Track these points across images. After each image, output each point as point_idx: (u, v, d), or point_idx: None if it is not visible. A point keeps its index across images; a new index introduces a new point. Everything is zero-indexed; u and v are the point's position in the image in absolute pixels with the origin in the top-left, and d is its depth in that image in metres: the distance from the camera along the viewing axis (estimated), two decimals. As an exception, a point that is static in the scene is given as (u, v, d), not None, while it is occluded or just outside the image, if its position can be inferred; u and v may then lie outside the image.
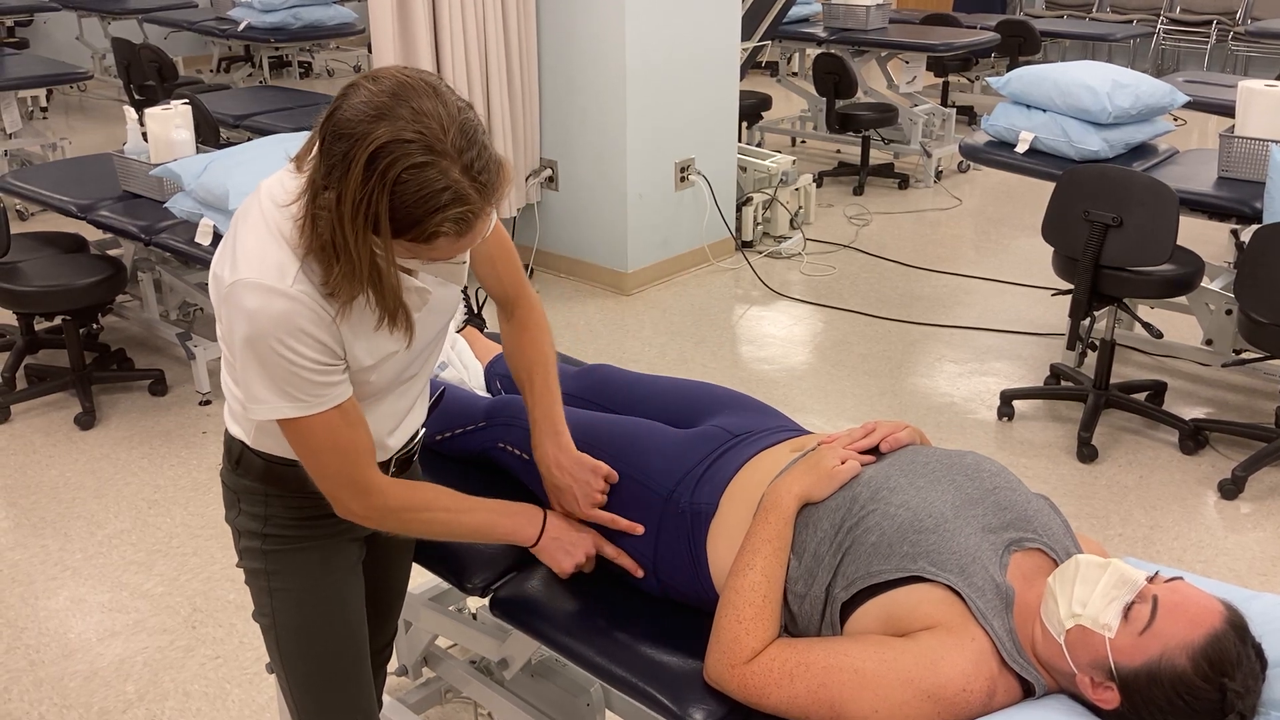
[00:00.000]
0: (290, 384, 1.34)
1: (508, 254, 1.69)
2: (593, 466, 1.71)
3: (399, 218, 1.23)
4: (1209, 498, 3.30)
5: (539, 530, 1.66)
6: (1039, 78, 4.09)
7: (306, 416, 1.37)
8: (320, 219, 1.26)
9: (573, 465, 1.71)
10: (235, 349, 1.35)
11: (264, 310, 1.30)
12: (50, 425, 3.77)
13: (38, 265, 3.74)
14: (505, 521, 1.64)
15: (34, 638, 2.72)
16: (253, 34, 7.37)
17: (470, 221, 1.26)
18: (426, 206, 1.22)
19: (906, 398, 3.92)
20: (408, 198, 1.21)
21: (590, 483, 1.71)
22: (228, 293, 1.32)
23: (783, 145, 7.42)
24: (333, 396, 1.38)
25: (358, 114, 1.21)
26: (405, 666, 2.37)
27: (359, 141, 1.20)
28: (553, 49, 4.76)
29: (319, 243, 1.27)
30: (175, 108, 3.87)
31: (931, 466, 1.55)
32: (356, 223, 1.23)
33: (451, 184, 1.22)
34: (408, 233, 1.24)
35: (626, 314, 4.68)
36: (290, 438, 1.41)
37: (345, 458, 1.42)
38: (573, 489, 1.71)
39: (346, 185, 1.21)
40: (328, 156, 1.23)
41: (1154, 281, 3.35)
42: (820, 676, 1.39)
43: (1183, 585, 1.34)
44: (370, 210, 1.22)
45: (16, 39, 9.01)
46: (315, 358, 1.34)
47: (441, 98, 1.24)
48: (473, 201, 1.24)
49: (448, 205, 1.22)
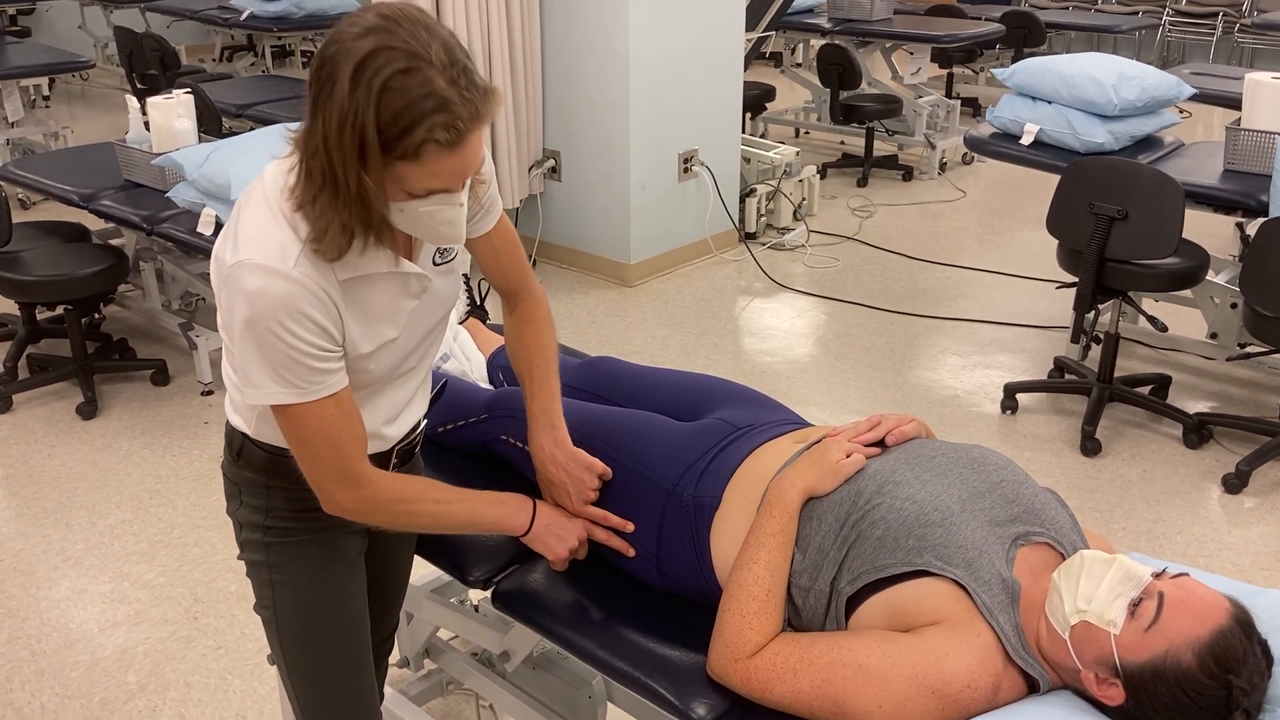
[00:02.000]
0: (288, 368, 1.33)
1: (511, 245, 1.68)
2: (587, 464, 1.70)
3: (386, 128, 1.21)
4: (1213, 492, 3.29)
5: (529, 518, 1.65)
6: (1044, 69, 4.07)
7: (301, 404, 1.37)
8: (313, 167, 1.26)
9: (567, 461, 1.70)
10: (235, 331, 1.34)
11: (265, 292, 1.29)
12: (52, 415, 3.76)
13: (40, 254, 3.73)
14: (495, 511, 1.63)
15: (35, 628, 2.71)
16: (255, 23, 7.34)
17: (460, 130, 1.23)
18: (413, 113, 1.20)
19: (909, 390, 3.91)
20: (394, 105, 1.20)
21: (584, 480, 1.70)
22: (229, 274, 1.31)
23: (786, 136, 7.41)
24: (329, 385, 1.38)
25: (343, 34, 1.22)
26: (407, 658, 2.37)
27: (345, 57, 1.21)
28: (556, 39, 4.74)
29: (312, 189, 1.27)
30: (178, 97, 3.86)
31: (937, 460, 1.54)
32: (344, 139, 1.22)
33: (436, 90, 1.21)
34: (396, 146, 1.22)
35: (629, 305, 4.67)
36: (284, 426, 1.41)
37: (337, 449, 1.41)
38: (566, 485, 1.70)
39: (332, 104, 1.21)
40: (314, 85, 1.24)
41: (1159, 275, 3.33)
42: (824, 672, 1.38)
43: (1189, 582, 1.34)
44: (356, 121, 1.20)
45: (18, 27, 8.99)
46: (314, 342, 1.33)
47: (429, 25, 1.24)
48: (459, 109, 1.23)
49: (434, 111, 1.21)
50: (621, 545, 1.69)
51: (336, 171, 1.24)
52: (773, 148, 5.52)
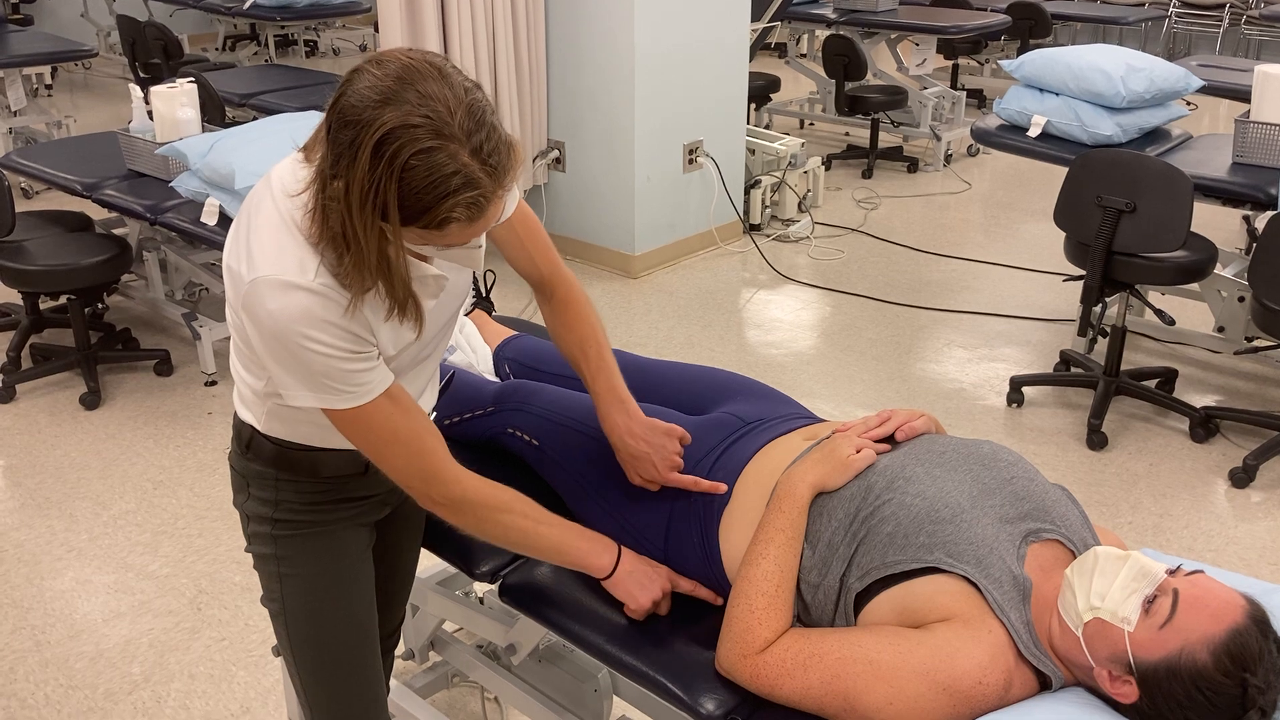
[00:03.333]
0: (327, 375, 1.32)
1: (535, 234, 1.65)
2: (666, 430, 1.67)
3: (408, 205, 1.20)
4: (1220, 486, 3.28)
5: (614, 560, 1.59)
6: (1052, 61, 4.05)
7: (355, 408, 1.35)
8: (330, 209, 1.23)
9: (645, 431, 1.66)
10: (262, 347, 1.32)
11: (286, 307, 1.27)
12: (55, 405, 3.76)
13: (43, 244, 3.72)
14: (581, 545, 1.57)
15: (40, 618, 2.71)
16: (258, 12, 7.33)
17: (482, 206, 1.23)
18: (436, 192, 1.19)
19: (915, 383, 3.90)
20: (416, 184, 1.18)
21: (666, 446, 1.66)
22: (248, 291, 1.29)
23: (791, 128, 7.38)
24: (374, 384, 1.35)
25: (363, 100, 1.19)
26: (413, 651, 2.36)
27: (365, 128, 1.17)
28: (561, 28, 4.72)
29: (329, 233, 1.25)
30: (181, 86, 3.84)
31: (948, 456, 1.53)
32: (365, 211, 1.20)
33: (461, 168, 1.19)
34: (418, 220, 1.21)
35: (633, 297, 4.66)
36: (348, 434, 1.38)
37: (408, 447, 1.39)
38: (649, 455, 1.66)
39: (354, 174, 1.19)
40: (334, 145, 1.21)
41: (1166, 268, 3.32)
42: (834, 667, 1.37)
43: (1203, 579, 1.32)
44: (378, 198, 1.19)
45: (21, 15, 8.96)
46: (344, 346, 1.31)
47: (448, 79, 1.21)
48: (483, 185, 1.21)
49: (458, 190, 1.19)
50: (709, 596, 1.63)
51: (359, 236, 1.22)
52: (778, 139, 5.50)
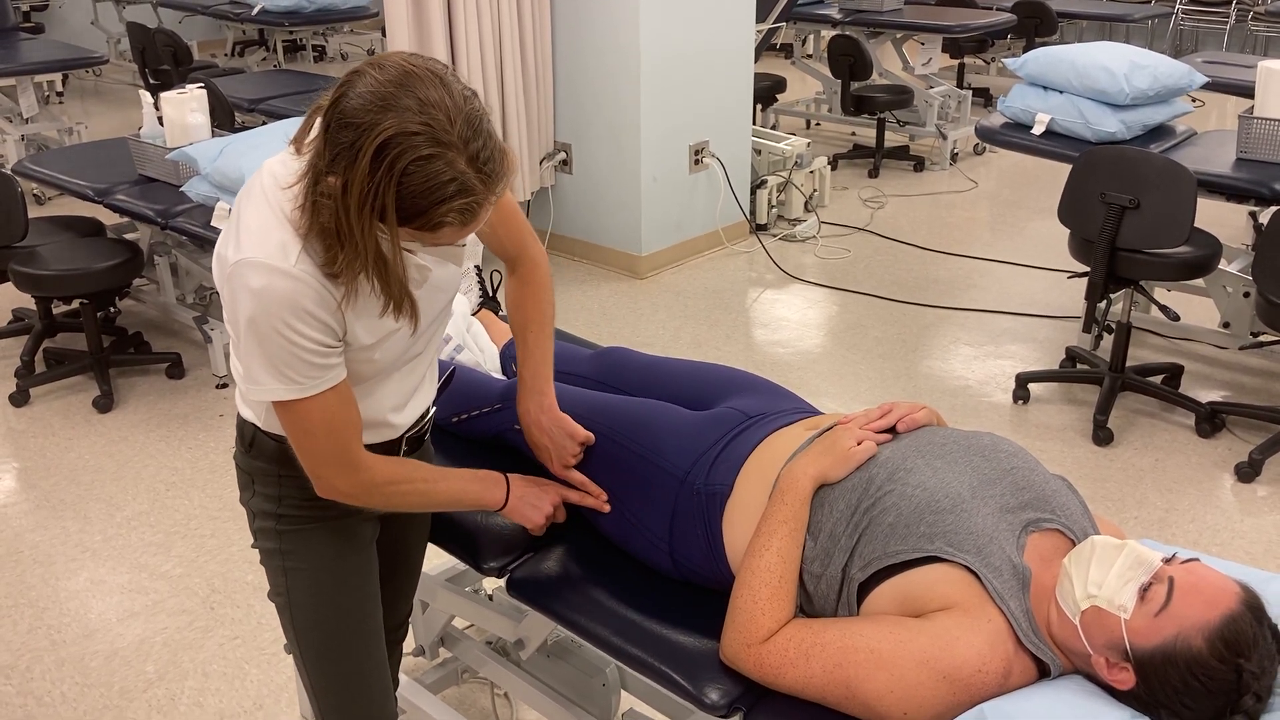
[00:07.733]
0: (290, 365, 1.35)
1: (508, 215, 1.70)
2: (570, 430, 1.77)
3: (405, 207, 1.24)
4: (1225, 481, 3.29)
5: (504, 493, 1.69)
6: (1056, 59, 4.06)
7: (303, 399, 1.39)
8: (322, 205, 1.27)
9: (550, 426, 1.77)
10: (239, 329, 1.35)
11: (268, 290, 1.30)
12: (69, 408, 3.79)
13: (55, 249, 3.76)
14: (473, 487, 1.68)
15: (55, 618, 2.74)
16: (267, 18, 7.37)
17: (475, 211, 1.28)
18: (433, 198, 1.23)
19: (921, 381, 3.91)
20: (414, 189, 1.22)
21: (565, 445, 1.77)
22: (231, 271, 1.32)
23: (797, 128, 7.39)
24: (329, 379, 1.40)
25: (364, 103, 1.22)
26: (422, 647, 2.38)
27: (366, 132, 1.21)
28: (567, 30, 4.75)
29: (319, 227, 1.29)
30: (190, 92, 3.88)
31: (948, 447, 1.55)
32: (364, 213, 1.24)
33: (458, 175, 1.23)
34: (413, 222, 1.26)
35: (640, 297, 4.68)
36: (284, 419, 1.43)
37: (336, 437, 1.44)
38: (549, 449, 1.77)
39: (353, 175, 1.22)
40: (333, 144, 1.24)
41: (1171, 264, 3.33)
42: (836, 656, 1.39)
43: (1199, 567, 1.34)
44: (377, 201, 1.23)
45: (32, 24, 9.02)
46: (317, 338, 1.35)
47: (447, 87, 1.25)
48: (478, 192, 1.26)
49: (454, 196, 1.24)
50: (595, 502, 1.75)
51: (355, 234, 1.26)
52: (784, 139, 5.52)
